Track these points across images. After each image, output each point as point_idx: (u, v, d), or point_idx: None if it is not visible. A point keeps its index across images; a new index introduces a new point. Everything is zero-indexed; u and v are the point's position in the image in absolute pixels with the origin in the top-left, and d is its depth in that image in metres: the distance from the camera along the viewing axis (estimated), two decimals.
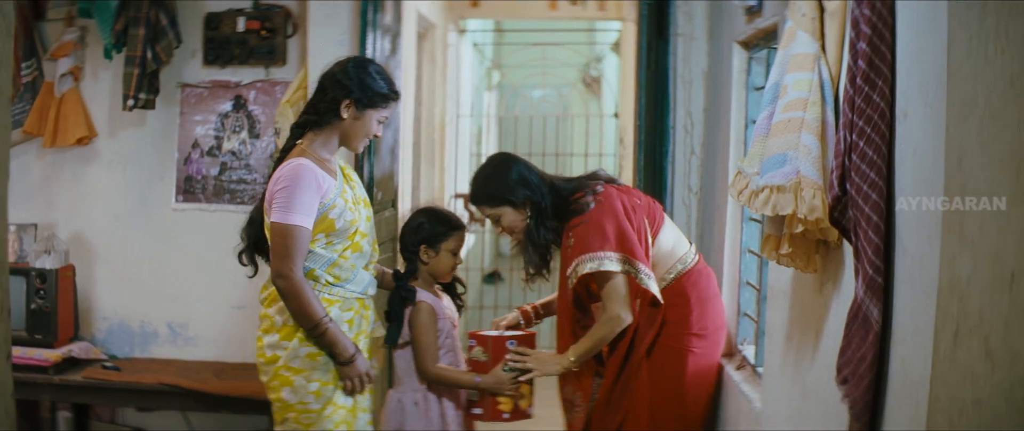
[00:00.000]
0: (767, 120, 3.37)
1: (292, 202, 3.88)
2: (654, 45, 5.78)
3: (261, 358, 4.09)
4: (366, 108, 4.04)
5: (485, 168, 4.66)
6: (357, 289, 4.11)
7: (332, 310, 4.01)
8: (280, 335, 4.03)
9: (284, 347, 4.02)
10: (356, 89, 4.02)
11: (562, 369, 4.44)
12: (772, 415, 3.99)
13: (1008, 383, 2.37)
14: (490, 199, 4.53)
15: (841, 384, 2.89)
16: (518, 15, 10.49)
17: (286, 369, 4.02)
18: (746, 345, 4.92)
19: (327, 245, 3.99)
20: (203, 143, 5.97)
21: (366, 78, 4.05)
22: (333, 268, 4.01)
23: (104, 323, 6.14)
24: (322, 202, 3.94)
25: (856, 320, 2.81)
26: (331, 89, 4.05)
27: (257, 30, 5.86)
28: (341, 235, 4.00)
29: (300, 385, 4.02)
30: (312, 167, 3.94)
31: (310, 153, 4.01)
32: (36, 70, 6.00)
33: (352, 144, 4.13)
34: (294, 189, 3.89)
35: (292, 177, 3.91)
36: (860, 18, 2.80)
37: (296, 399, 4.03)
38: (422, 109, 7.66)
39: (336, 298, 4.05)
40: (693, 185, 5.68)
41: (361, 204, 4.16)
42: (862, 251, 2.75)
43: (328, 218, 3.95)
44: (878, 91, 2.72)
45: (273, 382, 4.05)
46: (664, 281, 4.51)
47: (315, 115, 4.07)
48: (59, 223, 6.11)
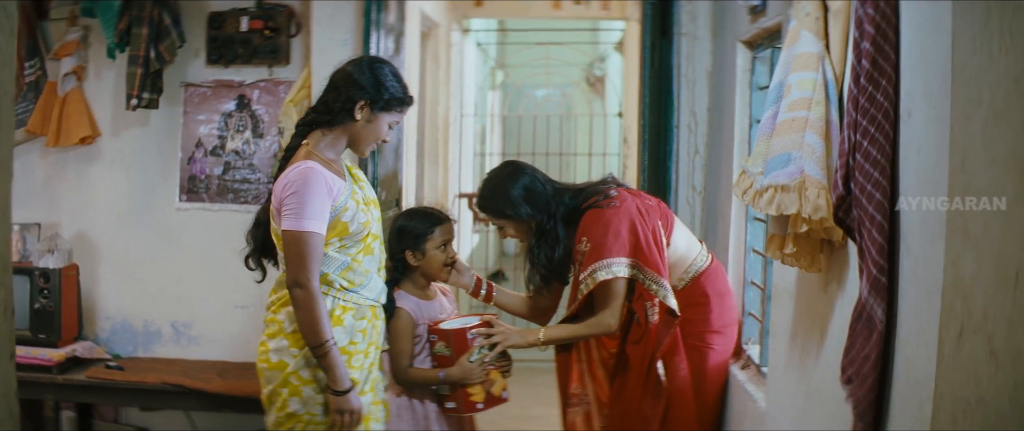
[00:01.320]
0: (771, 119, 3.37)
1: (304, 208, 3.75)
2: (658, 44, 5.78)
3: (264, 363, 3.95)
4: (380, 111, 3.92)
5: (492, 177, 4.58)
6: (371, 295, 3.98)
7: (346, 318, 3.90)
8: (289, 341, 3.90)
9: (293, 354, 3.89)
10: (373, 90, 3.89)
11: (527, 344, 4.41)
12: (776, 415, 3.99)
13: (1012, 383, 2.37)
14: (494, 211, 4.51)
15: (845, 384, 2.89)
16: (522, 14, 10.50)
17: (296, 378, 3.90)
18: (751, 345, 4.92)
19: (341, 249, 3.87)
20: (207, 143, 5.97)
21: (384, 79, 3.92)
22: (347, 272, 3.89)
23: (107, 322, 6.15)
24: (334, 205, 3.81)
25: (860, 320, 2.81)
26: (346, 88, 3.90)
27: (261, 29, 5.85)
28: (354, 238, 3.88)
29: (309, 396, 3.90)
30: (321, 170, 3.80)
31: (317, 154, 3.88)
32: (39, 69, 6.01)
33: (360, 147, 3.99)
34: (305, 194, 3.75)
35: (302, 182, 3.76)
36: (864, 17, 2.80)
37: (304, 410, 3.91)
38: (426, 108, 7.67)
39: (350, 305, 3.92)
40: (697, 184, 5.67)
41: (371, 205, 4.02)
42: (866, 251, 2.74)
43: (341, 221, 3.83)
44: (882, 90, 2.71)
45: (281, 389, 3.92)
46: (683, 281, 4.53)
47: (327, 114, 3.92)
48: (63, 223, 6.12)
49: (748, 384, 4.54)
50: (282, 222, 3.79)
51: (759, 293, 4.78)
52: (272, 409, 4.00)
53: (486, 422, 4.57)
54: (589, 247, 4.34)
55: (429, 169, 7.83)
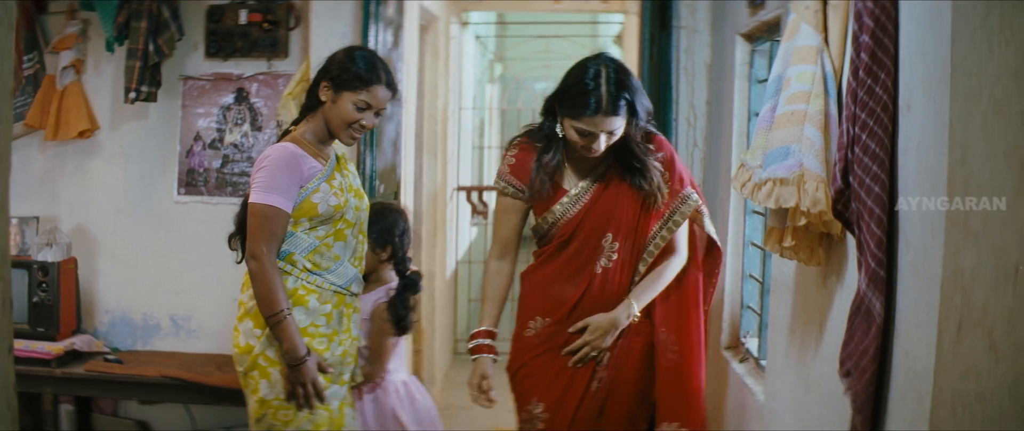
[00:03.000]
0: (770, 113, 3.37)
1: (268, 182, 3.80)
2: (657, 37, 5.78)
3: (235, 347, 4.00)
4: (341, 90, 3.89)
5: (619, 68, 3.95)
6: (338, 282, 3.99)
7: (310, 299, 3.91)
8: (253, 322, 3.93)
9: (256, 335, 3.93)
10: (334, 69, 3.92)
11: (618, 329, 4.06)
12: (775, 408, 3.99)
13: (1012, 376, 2.37)
14: (635, 106, 3.92)
15: (844, 377, 2.90)
16: (521, 7, 10.48)
17: (263, 359, 3.92)
18: (749, 338, 4.92)
19: (310, 230, 3.90)
20: (205, 136, 5.97)
21: (346, 60, 3.93)
22: (313, 254, 3.91)
23: (106, 316, 6.15)
24: (305, 186, 3.85)
25: (859, 313, 2.81)
26: (318, 74, 3.99)
27: (259, 23, 5.85)
28: (323, 220, 3.90)
29: (277, 380, 3.91)
30: (294, 150, 3.87)
31: (300, 139, 3.94)
32: (38, 63, 6.00)
33: (336, 132, 3.96)
34: (272, 170, 3.81)
35: (272, 159, 3.84)
36: (863, 11, 2.80)
37: (272, 394, 3.92)
38: (424, 102, 7.65)
39: (313, 287, 3.92)
40: (696, 177, 5.67)
41: (351, 193, 4.03)
42: (865, 244, 2.75)
43: (310, 201, 3.86)
44: (881, 84, 2.71)
45: (251, 373, 3.95)
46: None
47: (309, 100, 4.01)
48: (61, 216, 6.12)
49: (747, 377, 4.55)
50: (250, 196, 3.85)
51: (758, 286, 4.79)
52: (248, 396, 4.01)
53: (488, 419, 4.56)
54: (674, 171, 4.08)
55: (428, 162, 7.82)
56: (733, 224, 5.04)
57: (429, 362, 7.83)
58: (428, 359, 7.81)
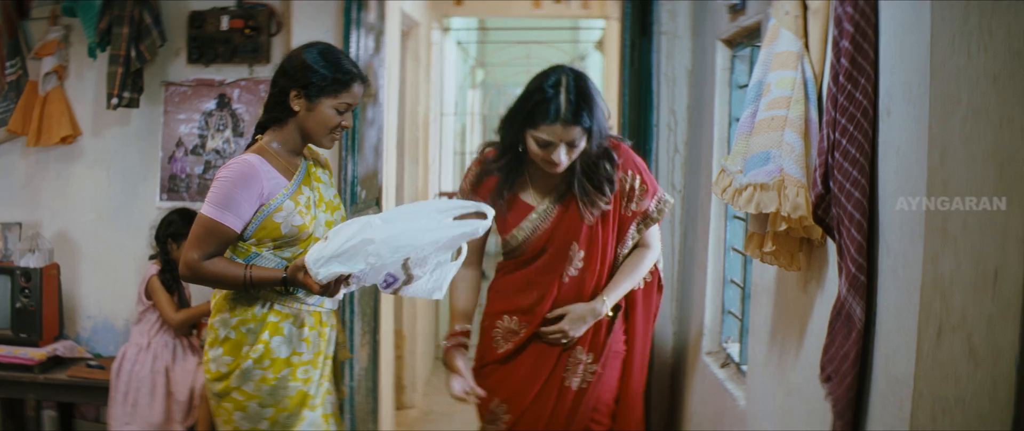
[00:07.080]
0: (750, 118, 3.38)
1: (222, 197, 3.64)
2: (637, 43, 5.79)
3: (207, 373, 3.83)
4: (318, 97, 3.71)
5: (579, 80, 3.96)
6: (312, 302, 3.84)
7: (285, 326, 3.77)
8: (224, 349, 3.78)
9: (227, 363, 3.78)
10: (301, 77, 3.71)
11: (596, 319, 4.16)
12: (756, 413, 4.00)
13: (991, 381, 2.38)
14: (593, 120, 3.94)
15: (824, 382, 2.90)
16: (502, 13, 10.49)
17: (239, 392, 3.78)
18: (730, 343, 4.93)
19: (276, 252, 3.74)
20: (187, 141, 5.96)
21: (311, 63, 3.71)
22: None
23: (89, 322, 6.14)
24: (266, 203, 3.69)
25: (839, 318, 2.82)
26: (278, 80, 3.77)
27: (241, 28, 5.84)
28: (290, 242, 3.74)
29: (254, 411, 3.78)
30: (256, 165, 3.69)
31: (267, 151, 3.78)
32: (20, 69, 5.99)
33: (316, 139, 3.80)
34: (226, 185, 3.65)
35: (229, 173, 3.67)
36: (843, 16, 2.81)
37: (249, 426, 3.79)
38: (406, 107, 7.66)
39: (288, 311, 3.79)
40: (677, 183, 5.68)
41: (321, 207, 3.87)
42: (845, 249, 2.76)
43: (272, 221, 3.69)
44: (861, 89, 2.72)
45: (225, 404, 3.81)
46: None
47: (271, 111, 3.81)
48: (43, 222, 6.11)
49: (728, 382, 4.55)
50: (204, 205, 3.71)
51: (738, 291, 4.80)
52: (219, 424, 3.88)
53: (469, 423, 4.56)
54: (643, 177, 4.15)
55: (409, 168, 7.82)
56: (714, 229, 5.05)
57: (410, 368, 7.83)
58: (409, 365, 7.81)
